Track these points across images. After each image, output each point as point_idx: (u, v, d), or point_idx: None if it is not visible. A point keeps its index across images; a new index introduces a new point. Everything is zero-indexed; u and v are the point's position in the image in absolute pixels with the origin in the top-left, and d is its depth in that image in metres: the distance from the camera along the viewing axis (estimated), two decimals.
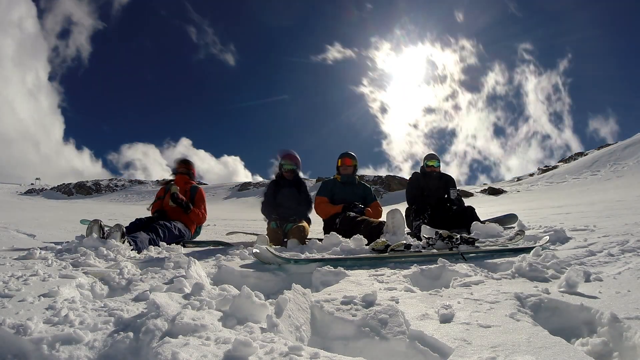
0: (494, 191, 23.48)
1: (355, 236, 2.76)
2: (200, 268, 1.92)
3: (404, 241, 2.57)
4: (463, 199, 4.71)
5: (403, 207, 3.87)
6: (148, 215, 3.94)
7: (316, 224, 4.60)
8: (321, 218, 4.10)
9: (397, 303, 1.44)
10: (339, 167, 4.23)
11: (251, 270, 2.06)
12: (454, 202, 4.43)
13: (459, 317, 1.26)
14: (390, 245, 2.49)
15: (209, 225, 6.46)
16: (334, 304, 1.44)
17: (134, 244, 2.94)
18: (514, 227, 3.61)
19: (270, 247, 2.38)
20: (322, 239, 3.03)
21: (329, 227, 3.82)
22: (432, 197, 4.43)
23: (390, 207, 3.53)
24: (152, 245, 3.13)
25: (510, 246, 2.64)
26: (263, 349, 0.97)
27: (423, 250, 2.52)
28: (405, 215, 4.06)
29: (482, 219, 3.93)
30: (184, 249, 3.26)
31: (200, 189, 4.19)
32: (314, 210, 4.06)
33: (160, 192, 4.14)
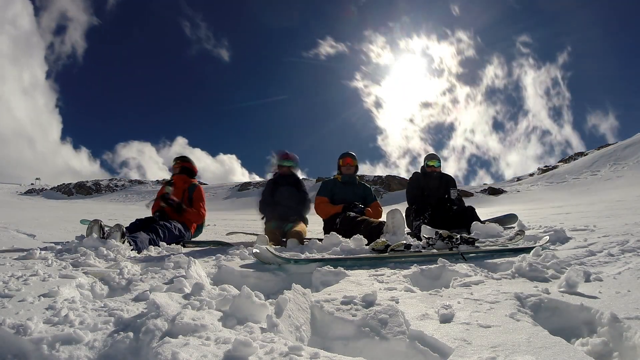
0: (494, 191, 23.49)
1: (355, 236, 2.76)
2: (200, 268, 1.92)
3: (404, 241, 2.57)
4: (463, 199, 4.71)
5: (403, 207, 3.87)
6: (148, 215, 3.94)
7: (316, 224, 4.59)
8: (321, 218, 4.10)
9: (397, 303, 1.44)
10: (340, 167, 4.21)
11: (251, 270, 2.06)
12: (454, 202, 4.43)
13: (459, 317, 1.26)
14: (390, 245, 2.49)
15: (209, 225, 6.46)
16: (334, 304, 1.44)
17: (134, 244, 2.94)
18: (514, 227, 3.61)
19: (270, 247, 2.38)
20: (322, 239, 3.03)
21: (329, 227, 3.82)
22: (433, 197, 4.43)
23: (390, 207, 3.53)
24: (152, 245, 3.14)
25: (510, 246, 2.64)
26: (263, 349, 0.97)
27: (423, 250, 2.52)
28: (405, 215, 4.05)
29: (482, 219, 3.93)
30: (184, 249, 3.26)
31: (199, 187, 4.18)
32: (314, 210, 4.05)
33: (160, 192, 4.15)
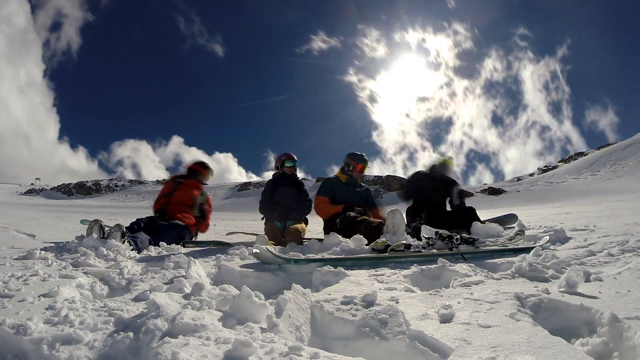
0: (494, 191, 23.50)
1: (355, 236, 2.76)
2: (200, 268, 1.92)
3: (404, 241, 2.57)
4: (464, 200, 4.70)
5: (403, 208, 3.86)
6: (148, 215, 3.93)
7: (315, 224, 4.57)
8: (321, 218, 4.06)
9: (397, 303, 1.44)
10: (350, 170, 4.05)
11: (251, 270, 2.06)
12: (453, 205, 4.41)
13: (459, 317, 1.26)
14: (390, 245, 2.49)
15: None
16: (334, 304, 1.44)
17: (134, 244, 2.94)
18: (514, 227, 3.61)
19: (270, 247, 2.38)
20: (322, 239, 3.03)
21: (329, 227, 3.80)
22: (433, 197, 4.41)
23: (390, 207, 3.53)
24: (152, 245, 3.13)
25: (510, 246, 2.64)
26: (263, 349, 0.97)
27: (423, 250, 2.52)
28: (405, 214, 4.03)
29: (482, 219, 3.93)
30: (184, 249, 3.25)
31: (209, 197, 4.18)
32: (313, 211, 4.04)
33: (166, 189, 4.03)
